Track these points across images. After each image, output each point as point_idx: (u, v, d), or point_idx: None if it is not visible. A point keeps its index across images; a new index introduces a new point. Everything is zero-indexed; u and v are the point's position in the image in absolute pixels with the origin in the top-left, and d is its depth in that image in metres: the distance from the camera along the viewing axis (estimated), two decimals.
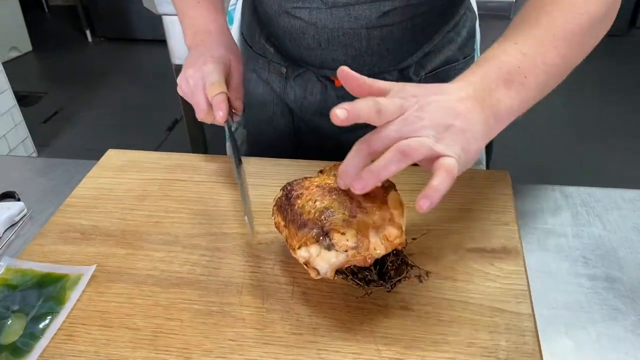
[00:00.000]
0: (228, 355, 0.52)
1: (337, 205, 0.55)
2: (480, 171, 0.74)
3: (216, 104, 0.70)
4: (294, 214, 0.56)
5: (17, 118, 2.43)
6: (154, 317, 0.56)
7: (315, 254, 0.53)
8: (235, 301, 0.58)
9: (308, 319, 0.55)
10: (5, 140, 2.38)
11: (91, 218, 0.69)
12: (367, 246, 0.52)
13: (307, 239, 0.53)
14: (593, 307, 0.59)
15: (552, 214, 0.72)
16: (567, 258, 0.65)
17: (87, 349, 0.53)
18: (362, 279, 0.54)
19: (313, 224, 0.54)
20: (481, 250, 0.62)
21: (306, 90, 0.88)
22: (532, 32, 0.59)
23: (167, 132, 2.70)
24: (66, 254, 0.64)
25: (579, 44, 0.61)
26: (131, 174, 0.77)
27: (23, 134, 2.49)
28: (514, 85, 0.57)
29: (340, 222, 0.53)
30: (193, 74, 0.72)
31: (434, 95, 0.53)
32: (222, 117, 0.70)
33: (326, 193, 0.57)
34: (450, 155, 0.51)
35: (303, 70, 0.87)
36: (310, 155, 0.84)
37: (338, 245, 0.52)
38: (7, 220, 0.72)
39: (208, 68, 0.72)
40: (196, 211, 0.70)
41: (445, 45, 0.86)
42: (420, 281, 0.58)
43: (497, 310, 0.55)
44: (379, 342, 0.53)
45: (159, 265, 0.62)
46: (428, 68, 0.85)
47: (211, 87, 0.70)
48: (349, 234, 0.52)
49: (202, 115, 0.73)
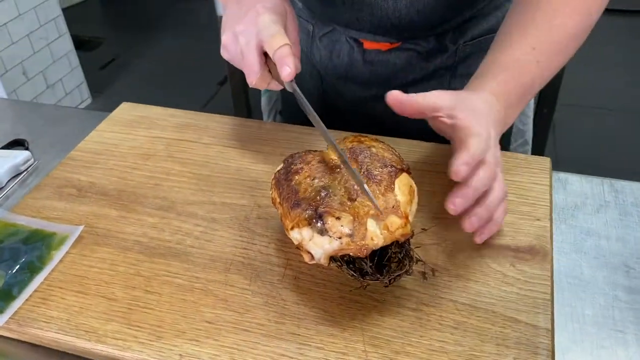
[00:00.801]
0: (201, 340, 0.48)
1: (336, 185, 0.49)
2: (518, 155, 0.65)
3: (281, 57, 0.55)
4: (289, 191, 0.50)
5: (73, 62, 2.47)
6: (133, 288, 0.52)
7: (308, 238, 0.47)
8: (220, 279, 0.53)
9: (295, 307, 0.50)
10: (62, 84, 2.43)
11: (90, 174, 0.66)
12: (363, 235, 0.46)
13: (300, 220, 0.48)
14: (628, 326, 0.51)
15: (596, 211, 0.62)
16: (606, 265, 0.56)
17: (59, 316, 0.50)
18: (357, 269, 0.48)
19: (307, 204, 0.48)
20: (504, 247, 0.55)
21: (332, 52, 0.81)
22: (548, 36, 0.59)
23: (218, 85, 2.68)
24: (58, 211, 0.61)
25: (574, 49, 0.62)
26: (139, 130, 0.73)
27: (79, 79, 2.53)
28: (523, 101, 0.59)
29: (336, 205, 0.47)
30: (244, 29, 0.58)
31: (492, 126, 0.54)
32: (289, 73, 0.55)
33: (327, 170, 0.51)
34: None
35: (330, 30, 0.79)
36: (339, 121, 0.77)
37: (332, 230, 0.46)
38: (12, 169, 0.70)
39: (264, 20, 0.58)
40: (199, 176, 0.65)
41: (491, 11, 0.76)
42: (424, 278, 0.51)
43: (510, 320, 0.48)
44: (367, 342, 0.47)
45: (149, 232, 0.58)
46: (468, 36, 0.76)
47: (272, 40, 0.56)
48: (344, 219, 0.46)
49: (255, 79, 0.59)
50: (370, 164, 0.50)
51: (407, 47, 0.77)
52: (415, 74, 0.80)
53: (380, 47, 0.77)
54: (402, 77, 0.80)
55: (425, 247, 0.54)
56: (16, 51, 2.15)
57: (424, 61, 0.78)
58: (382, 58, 0.78)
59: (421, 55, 0.77)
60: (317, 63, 0.83)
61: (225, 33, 0.60)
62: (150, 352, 0.47)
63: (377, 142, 0.55)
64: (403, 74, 0.80)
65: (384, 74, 0.80)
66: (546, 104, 1.46)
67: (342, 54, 0.80)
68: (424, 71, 0.79)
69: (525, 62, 0.58)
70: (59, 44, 2.36)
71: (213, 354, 0.47)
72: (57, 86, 2.40)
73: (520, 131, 0.97)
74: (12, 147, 0.74)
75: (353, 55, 0.79)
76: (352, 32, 0.76)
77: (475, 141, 0.50)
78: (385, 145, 0.55)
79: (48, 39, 2.30)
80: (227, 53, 0.61)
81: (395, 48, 0.77)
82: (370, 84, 0.82)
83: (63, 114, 0.84)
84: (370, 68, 0.80)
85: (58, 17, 2.33)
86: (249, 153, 0.69)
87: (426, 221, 0.58)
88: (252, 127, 0.73)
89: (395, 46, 0.77)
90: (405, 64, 0.78)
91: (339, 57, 0.80)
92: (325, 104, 0.89)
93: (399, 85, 0.81)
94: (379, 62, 0.79)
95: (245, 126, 0.73)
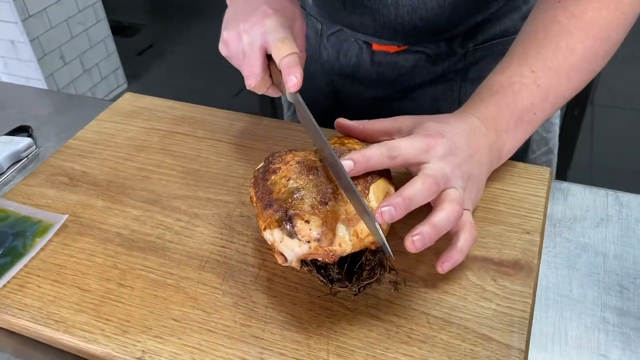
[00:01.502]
0: (165, 337, 0.48)
1: (310, 187, 0.48)
2: (517, 164, 0.62)
3: (288, 66, 0.53)
4: (264, 190, 0.49)
5: (110, 48, 2.52)
6: (108, 281, 0.53)
7: (279, 240, 0.46)
8: (194, 276, 0.53)
9: (263, 310, 0.49)
10: (98, 69, 2.48)
11: (84, 163, 0.67)
12: (331, 240, 0.45)
13: (271, 221, 0.47)
14: (612, 351, 0.48)
15: (596, 225, 0.59)
16: (598, 284, 0.53)
17: (33, 304, 0.51)
18: (326, 275, 0.47)
19: (279, 205, 0.47)
20: (486, 260, 0.52)
21: (340, 51, 0.79)
22: (551, 59, 0.56)
23: None
24: (48, 199, 0.62)
25: (590, 72, 0.58)
26: (138, 121, 0.73)
27: (115, 64, 2.58)
28: (522, 125, 0.55)
29: (307, 208, 0.46)
30: (249, 28, 0.56)
31: (457, 135, 0.52)
32: (295, 84, 0.53)
33: (304, 171, 0.49)
34: (470, 208, 0.52)
35: (338, 29, 0.78)
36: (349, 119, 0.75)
37: (300, 234, 0.45)
38: (13, 155, 0.72)
39: (272, 22, 0.55)
40: (188, 170, 0.65)
41: (506, 13, 0.73)
42: (395, 289, 0.49)
43: (482, 338, 0.46)
44: (332, 351, 0.46)
45: (131, 224, 0.58)
46: (479, 39, 0.73)
47: (280, 45, 0.54)
48: (313, 223, 0.45)
49: (254, 82, 0.57)
50: None
51: (415, 50, 0.75)
52: (423, 77, 0.77)
53: (388, 49, 0.75)
54: (409, 79, 0.78)
55: (403, 255, 0.53)
56: (54, 36, 2.21)
57: (432, 64, 0.76)
58: (390, 60, 0.76)
59: (430, 58, 0.75)
60: (325, 62, 0.82)
61: (228, 29, 0.58)
62: (114, 346, 0.47)
63: (359, 145, 0.54)
64: (410, 77, 0.77)
65: (391, 76, 0.78)
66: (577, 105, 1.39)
67: (350, 53, 0.78)
68: (431, 74, 0.77)
69: (521, 84, 0.55)
70: (96, 29, 2.41)
71: (174, 352, 0.46)
72: (94, 71, 2.46)
73: (543, 139, 0.93)
74: (17, 133, 0.76)
75: (361, 55, 0.77)
76: (359, 35, 0.74)
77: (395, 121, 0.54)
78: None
79: (86, 24, 2.35)
80: (227, 50, 0.59)
81: (403, 50, 0.75)
82: (377, 85, 0.80)
83: (72, 102, 0.85)
84: (377, 69, 0.78)
85: (96, 3, 2.38)
86: (242, 149, 0.68)
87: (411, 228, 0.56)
88: (249, 123, 0.72)
89: (403, 49, 0.75)
90: (412, 67, 0.76)
91: (346, 57, 0.78)
92: (335, 101, 0.87)
93: (406, 87, 0.79)
94: (387, 63, 0.77)
95: (243, 121, 0.73)
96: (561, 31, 0.56)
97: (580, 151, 1.77)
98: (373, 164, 0.48)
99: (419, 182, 0.47)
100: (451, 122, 0.53)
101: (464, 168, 0.51)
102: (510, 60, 0.58)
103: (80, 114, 0.81)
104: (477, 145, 0.53)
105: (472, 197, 0.53)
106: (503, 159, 0.57)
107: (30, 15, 2.08)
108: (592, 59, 0.57)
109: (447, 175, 0.49)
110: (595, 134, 2.17)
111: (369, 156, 0.48)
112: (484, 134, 0.53)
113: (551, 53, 0.56)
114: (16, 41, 2.12)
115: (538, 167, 0.62)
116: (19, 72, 2.23)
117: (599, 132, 2.17)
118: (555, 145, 0.94)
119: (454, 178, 0.50)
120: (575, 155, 1.54)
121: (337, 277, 0.46)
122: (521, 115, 0.55)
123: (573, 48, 0.56)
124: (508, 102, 0.55)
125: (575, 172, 1.64)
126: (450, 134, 0.52)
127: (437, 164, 0.49)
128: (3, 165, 0.70)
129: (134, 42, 3.08)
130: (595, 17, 0.56)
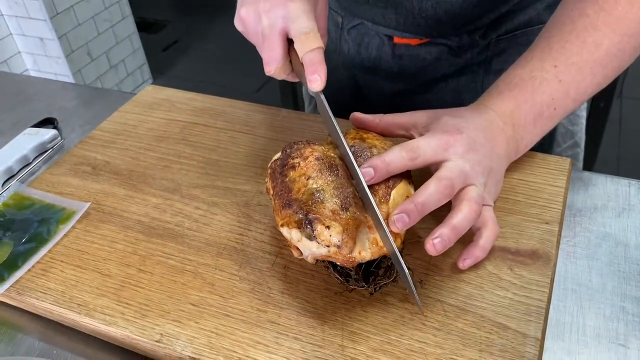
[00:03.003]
0: (183, 321, 0.49)
1: (331, 190, 0.46)
2: (536, 154, 0.61)
3: (312, 63, 0.49)
4: (282, 187, 0.49)
5: (136, 44, 2.56)
6: (128, 266, 0.54)
7: (297, 239, 0.46)
8: (212, 263, 0.53)
9: (279, 296, 0.50)
10: (124, 65, 2.52)
11: (106, 153, 0.68)
12: (351, 248, 0.44)
13: (290, 221, 0.46)
14: (631, 341, 0.47)
15: (618, 214, 0.58)
16: (618, 273, 0.52)
17: (56, 288, 0.53)
18: (343, 274, 0.47)
19: (298, 206, 0.46)
20: (504, 250, 0.52)
21: (361, 44, 0.79)
22: (575, 54, 0.55)
23: None
24: (72, 187, 0.64)
25: (615, 69, 0.56)
26: (159, 112, 0.74)
27: (141, 60, 2.62)
28: (541, 120, 0.55)
29: (327, 213, 0.45)
30: (270, 9, 0.51)
31: (476, 130, 0.51)
32: (320, 84, 0.49)
33: (324, 170, 0.48)
34: (491, 204, 0.52)
35: (358, 23, 0.77)
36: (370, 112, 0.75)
37: (320, 238, 0.44)
38: (39, 146, 0.73)
39: (295, 7, 0.51)
40: (208, 160, 0.66)
41: (530, 3, 0.71)
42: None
43: (498, 326, 0.46)
44: (346, 337, 0.46)
45: (151, 212, 0.60)
46: (502, 30, 0.72)
47: (305, 38, 0.50)
48: (334, 229, 0.44)
49: (274, 68, 0.52)
50: None
51: (437, 42, 0.74)
52: (445, 69, 0.77)
53: (409, 42, 0.75)
54: (432, 72, 0.77)
55: (421, 243, 0.52)
56: (81, 32, 2.25)
57: (455, 56, 0.75)
58: (412, 52, 0.76)
59: (452, 51, 0.74)
60: (346, 55, 0.82)
61: (246, 6, 0.53)
62: (133, 329, 0.48)
63: (380, 140, 0.53)
64: (432, 69, 0.77)
65: (412, 69, 0.77)
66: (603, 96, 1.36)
67: (371, 47, 0.77)
68: (454, 67, 0.76)
69: (542, 79, 0.54)
70: (122, 26, 2.45)
71: (192, 336, 0.47)
72: (120, 67, 2.50)
73: (569, 132, 0.91)
74: (43, 125, 0.78)
75: (382, 48, 0.77)
76: (380, 28, 0.74)
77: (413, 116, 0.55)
78: (388, 145, 0.52)
79: (112, 21, 2.39)
80: (244, 28, 0.54)
81: (425, 43, 0.74)
82: (398, 78, 0.79)
83: (96, 95, 0.87)
84: (399, 62, 0.77)
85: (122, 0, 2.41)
86: (261, 140, 0.69)
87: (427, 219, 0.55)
88: (268, 114, 0.73)
89: (425, 41, 0.74)
90: (435, 59, 0.76)
91: (367, 50, 0.78)
92: (357, 94, 0.87)
93: (428, 80, 0.78)
94: (409, 56, 0.76)
95: (262, 113, 0.73)
96: (588, 26, 0.54)
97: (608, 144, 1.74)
98: (394, 168, 0.48)
99: (432, 185, 0.47)
100: (468, 117, 0.53)
101: (484, 163, 0.51)
102: (533, 54, 0.57)
103: (104, 106, 0.83)
104: (495, 139, 0.52)
105: (492, 191, 0.53)
106: (520, 152, 0.56)
107: (58, 13, 2.13)
108: (618, 55, 0.55)
109: (467, 173, 0.49)
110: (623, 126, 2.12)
111: (390, 161, 0.47)
112: (501, 127, 0.53)
113: (576, 48, 0.54)
114: (45, 38, 2.17)
115: (557, 157, 0.61)
116: (47, 68, 2.28)
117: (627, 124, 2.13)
118: (582, 139, 0.92)
119: (474, 175, 0.49)
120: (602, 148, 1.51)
121: (354, 277, 0.47)
122: (541, 111, 0.54)
123: (599, 44, 0.54)
124: (527, 96, 0.54)
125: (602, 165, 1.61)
126: (468, 129, 0.51)
127: (456, 162, 0.49)
128: (29, 156, 0.72)
129: (159, 38, 3.12)
130: (625, 12, 0.54)
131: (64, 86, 0.93)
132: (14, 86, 0.91)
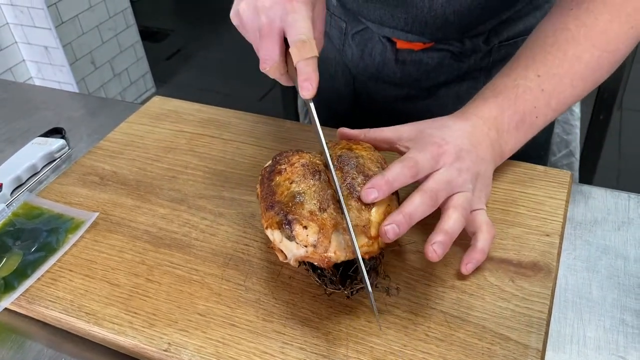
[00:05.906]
0: (190, 330, 0.49)
1: (312, 192, 0.48)
2: (536, 167, 0.63)
3: (306, 72, 0.49)
4: (268, 191, 0.51)
5: (139, 53, 2.58)
6: (136, 276, 0.55)
7: (279, 240, 0.48)
8: (218, 273, 0.54)
9: (284, 306, 0.51)
10: (127, 74, 2.54)
11: (114, 164, 0.69)
12: (326, 247, 0.46)
13: (272, 222, 0.48)
14: (631, 353, 0.48)
15: (617, 228, 0.59)
16: (618, 286, 0.53)
17: (65, 297, 0.53)
18: (321, 276, 0.48)
19: (280, 208, 0.48)
20: (505, 261, 0.53)
21: (364, 50, 0.80)
22: (557, 66, 0.57)
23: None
24: (80, 197, 0.65)
25: (593, 82, 0.59)
26: (165, 123, 0.76)
27: (144, 69, 2.64)
28: (523, 127, 0.57)
29: (305, 214, 0.47)
30: (269, 7, 0.51)
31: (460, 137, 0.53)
32: (311, 92, 0.49)
33: (308, 175, 0.50)
34: (482, 207, 0.54)
35: (363, 28, 0.79)
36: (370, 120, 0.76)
37: (298, 238, 0.46)
38: (47, 156, 0.75)
39: (295, 8, 0.50)
40: (214, 171, 0.67)
41: (530, 11, 0.74)
42: (387, 294, 0.50)
43: (500, 337, 0.47)
44: (350, 347, 0.47)
45: (159, 222, 0.61)
46: (503, 36, 0.74)
47: (301, 46, 0.49)
48: (311, 229, 0.46)
49: (270, 67, 0.52)
50: (356, 176, 0.50)
51: (440, 48, 0.76)
52: (448, 75, 0.78)
53: (412, 47, 0.76)
54: (434, 77, 0.79)
55: (421, 255, 0.53)
56: (86, 41, 2.27)
57: (457, 62, 0.77)
58: (415, 58, 0.77)
59: (455, 56, 0.76)
60: (349, 62, 0.83)
61: (245, 0, 0.52)
62: (141, 338, 0.49)
63: (367, 150, 0.54)
64: (435, 75, 0.78)
65: (415, 74, 0.79)
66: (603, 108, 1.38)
67: (375, 52, 0.79)
68: (456, 72, 0.78)
69: (525, 87, 0.56)
70: (126, 34, 2.47)
71: (199, 345, 0.48)
72: (123, 75, 2.51)
73: (563, 141, 0.93)
74: (51, 134, 0.79)
75: (385, 54, 0.78)
76: (385, 30, 0.75)
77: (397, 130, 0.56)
78: (375, 155, 0.54)
79: (116, 30, 2.41)
80: (240, 23, 0.54)
81: (428, 48, 0.76)
82: (401, 84, 0.81)
83: (103, 105, 0.88)
84: (402, 68, 0.79)
85: (126, 9, 2.43)
86: (266, 151, 0.70)
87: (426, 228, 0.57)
88: (273, 126, 0.74)
89: (428, 46, 0.76)
90: (437, 65, 0.77)
91: (370, 56, 0.80)
92: (356, 102, 0.89)
93: (430, 85, 0.80)
94: (412, 61, 0.78)
95: (267, 124, 0.75)
96: (570, 39, 0.57)
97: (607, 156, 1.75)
98: (398, 186, 0.49)
99: (417, 198, 0.48)
100: (451, 125, 0.54)
101: (472, 170, 0.52)
102: (517, 63, 0.59)
103: (111, 116, 0.84)
104: (480, 144, 0.54)
105: (482, 195, 0.54)
106: (505, 156, 0.58)
107: (63, 22, 2.15)
108: (597, 69, 0.57)
109: (453, 182, 0.51)
110: (623, 138, 2.13)
111: (393, 180, 0.48)
112: (485, 132, 0.55)
113: (557, 60, 0.57)
114: (49, 47, 2.19)
115: (558, 170, 0.62)
116: (52, 76, 2.30)
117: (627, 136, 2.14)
118: (577, 148, 0.94)
119: (462, 182, 0.51)
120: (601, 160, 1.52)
121: (331, 280, 0.48)
122: (523, 117, 0.56)
123: (579, 57, 0.56)
124: (510, 103, 0.56)
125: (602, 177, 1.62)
126: (453, 137, 0.53)
127: (443, 174, 0.50)
128: (38, 165, 0.73)
129: (163, 47, 3.14)
130: (605, 29, 0.56)
131: (71, 96, 0.94)
132: (21, 95, 0.92)
